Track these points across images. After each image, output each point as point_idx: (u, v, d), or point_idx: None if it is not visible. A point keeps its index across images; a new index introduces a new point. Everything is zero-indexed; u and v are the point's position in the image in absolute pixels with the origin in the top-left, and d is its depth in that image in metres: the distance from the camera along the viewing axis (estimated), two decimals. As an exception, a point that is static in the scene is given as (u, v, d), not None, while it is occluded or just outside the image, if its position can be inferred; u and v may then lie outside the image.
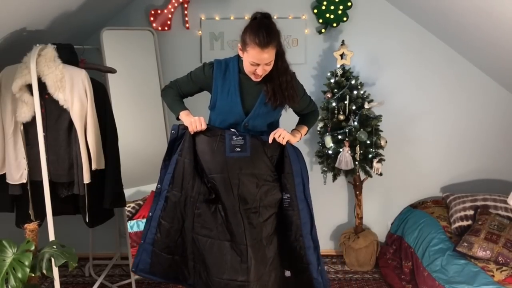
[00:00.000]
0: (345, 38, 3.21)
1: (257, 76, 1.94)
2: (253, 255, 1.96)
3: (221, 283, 1.97)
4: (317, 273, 2.06)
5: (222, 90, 2.02)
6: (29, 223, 1.95)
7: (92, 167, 2.41)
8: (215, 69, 2.04)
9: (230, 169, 2.00)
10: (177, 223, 2.06)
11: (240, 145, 2.02)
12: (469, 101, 3.38)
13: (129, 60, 3.02)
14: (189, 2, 3.19)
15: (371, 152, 3.05)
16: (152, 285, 3.13)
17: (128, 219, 2.98)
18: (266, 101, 2.01)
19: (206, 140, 2.02)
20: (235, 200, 1.99)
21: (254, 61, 1.87)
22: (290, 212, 2.06)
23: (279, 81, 1.98)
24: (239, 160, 2.01)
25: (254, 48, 1.83)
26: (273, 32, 1.87)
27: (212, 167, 2.01)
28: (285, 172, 2.07)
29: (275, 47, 1.88)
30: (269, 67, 1.93)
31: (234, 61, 2.04)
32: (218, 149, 2.01)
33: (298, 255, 2.06)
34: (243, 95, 2.02)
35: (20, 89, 2.29)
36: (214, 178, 2.01)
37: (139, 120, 3.06)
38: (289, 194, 2.06)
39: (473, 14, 2.58)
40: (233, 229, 1.98)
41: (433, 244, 2.87)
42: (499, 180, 3.45)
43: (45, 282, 3.15)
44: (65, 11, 2.54)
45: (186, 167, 2.03)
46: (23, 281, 1.76)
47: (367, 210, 3.44)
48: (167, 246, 2.07)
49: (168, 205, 2.06)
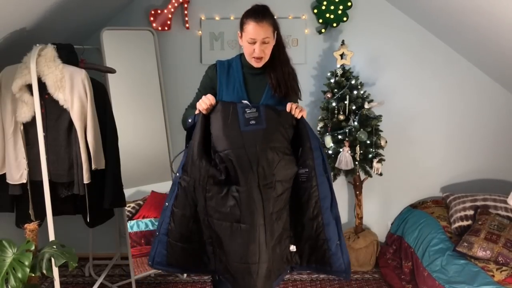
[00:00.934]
0: (345, 38, 3.22)
1: (257, 59, 1.94)
2: (266, 232, 1.89)
3: (240, 267, 1.90)
4: (336, 248, 1.96)
5: (227, 87, 2.02)
6: (29, 223, 1.95)
7: (92, 167, 2.41)
8: (218, 68, 2.05)
9: (247, 144, 1.87)
10: (189, 209, 1.98)
11: (254, 118, 1.90)
12: (469, 101, 3.39)
13: (129, 60, 3.02)
14: (189, 2, 3.19)
15: (371, 152, 3.05)
16: (152, 285, 3.13)
17: (128, 219, 2.98)
18: (273, 93, 2.00)
19: (219, 117, 1.91)
20: (254, 176, 1.87)
21: (251, 37, 1.88)
22: (308, 187, 1.96)
23: (282, 71, 2.00)
24: (255, 134, 1.89)
25: (249, 23, 1.88)
26: (269, 12, 1.93)
27: (227, 143, 1.88)
28: (304, 146, 1.96)
29: (271, 25, 1.91)
30: (267, 48, 1.93)
31: (236, 59, 2.07)
32: (232, 124, 1.89)
33: (314, 232, 1.97)
34: (249, 89, 2.02)
35: (20, 89, 2.29)
36: (229, 155, 1.87)
37: (139, 120, 3.06)
38: (307, 169, 1.95)
39: (473, 14, 2.58)
40: (249, 209, 1.87)
41: (433, 244, 2.87)
42: (499, 180, 3.45)
43: (45, 282, 3.16)
44: (65, 11, 2.54)
45: (194, 149, 1.93)
46: (23, 281, 1.76)
47: (367, 210, 3.44)
48: (182, 235, 1.99)
49: (180, 192, 1.98)
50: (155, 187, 3.12)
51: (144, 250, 3.04)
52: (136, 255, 2.99)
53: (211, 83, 2.05)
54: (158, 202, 3.13)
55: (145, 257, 3.03)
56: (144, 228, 3.08)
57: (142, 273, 2.97)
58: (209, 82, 2.06)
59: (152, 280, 3.19)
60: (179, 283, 3.16)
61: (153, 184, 3.11)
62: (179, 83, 3.31)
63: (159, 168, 3.10)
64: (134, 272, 2.92)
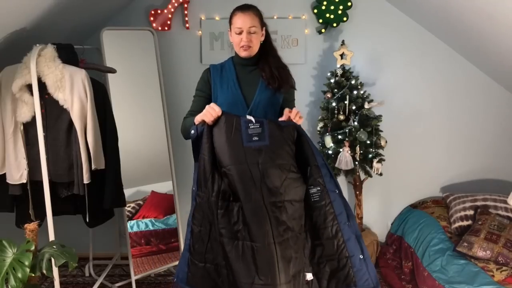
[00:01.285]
0: (345, 38, 3.22)
1: (245, 47, 2.00)
2: (281, 254, 1.80)
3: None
4: (360, 263, 1.89)
5: (221, 86, 2.07)
6: (29, 223, 1.95)
7: (92, 167, 2.41)
8: (212, 71, 2.11)
9: (250, 161, 1.83)
10: (205, 226, 1.92)
11: (257, 134, 1.86)
12: (469, 101, 3.39)
13: (129, 60, 3.02)
14: (189, 2, 3.19)
15: (371, 152, 3.05)
16: (152, 285, 3.13)
17: (128, 219, 2.98)
18: (266, 84, 2.04)
19: (222, 131, 1.86)
20: (258, 193, 1.82)
21: (238, 27, 1.98)
22: (322, 206, 1.90)
23: (273, 63, 2.07)
24: (258, 150, 1.85)
25: (236, 14, 2.01)
26: (253, 6, 2.05)
27: (229, 158, 1.85)
28: (311, 164, 1.91)
29: (257, 16, 2.02)
30: (255, 38, 2.00)
31: (228, 60, 2.14)
32: (235, 139, 1.84)
33: (336, 251, 1.89)
34: (242, 86, 2.06)
35: (20, 89, 2.29)
36: (230, 170, 1.83)
37: (139, 120, 3.06)
38: (319, 187, 1.89)
39: (473, 14, 2.58)
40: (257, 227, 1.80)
41: (433, 244, 2.86)
42: (499, 180, 3.45)
43: (45, 282, 3.15)
44: (65, 11, 2.54)
45: (206, 164, 1.88)
46: (23, 281, 1.76)
47: (367, 210, 3.44)
48: (199, 253, 1.93)
49: (197, 207, 1.93)
50: (155, 187, 3.12)
51: (144, 250, 3.05)
52: (136, 255, 2.99)
53: (206, 86, 2.09)
54: (158, 202, 3.13)
55: (145, 257, 3.04)
56: (144, 228, 3.08)
57: (142, 273, 2.97)
58: (205, 85, 2.10)
59: (152, 280, 3.19)
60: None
61: (153, 184, 3.11)
62: (179, 83, 3.31)
63: (159, 168, 3.10)
64: (134, 272, 2.92)
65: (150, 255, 3.06)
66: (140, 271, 2.97)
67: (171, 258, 3.15)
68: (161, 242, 3.14)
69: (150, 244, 3.08)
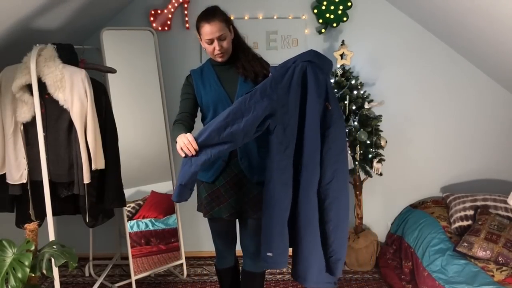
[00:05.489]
0: (345, 38, 3.22)
1: (219, 55, 2.07)
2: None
3: None
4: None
5: (204, 87, 2.14)
6: (29, 223, 1.95)
7: (92, 167, 2.41)
8: (193, 75, 2.19)
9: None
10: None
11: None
12: (469, 101, 3.38)
13: (129, 60, 3.02)
14: (189, 2, 3.19)
15: (371, 152, 3.05)
16: (152, 285, 3.13)
17: (128, 219, 2.98)
18: (244, 79, 2.12)
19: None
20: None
21: (208, 38, 2.02)
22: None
23: (245, 58, 2.14)
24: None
25: (202, 25, 2.03)
26: (218, 11, 2.07)
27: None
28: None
29: (223, 21, 2.04)
30: (226, 43, 2.05)
31: (207, 63, 2.22)
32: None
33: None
34: (224, 83, 2.13)
35: (20, 89, 2.29)
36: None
37: (139, 120, 3.06)
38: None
39: (473, 14, 2.58)
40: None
41: (433, 244, 2.86)
42: (499, 180, 3.45)
43: (45, 282, 3.16)
44: (65, 11, 2.54)
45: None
46: (23, 281, 1.76)
47: (367, 210, 3.44)
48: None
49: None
50: (155, 187, 3.12)
51: (144, 250, 3.05)
52: (136, 255, 2.99)
53: (191, 88, 2.18)
54: (158, 202, 3.13)
55: (145, 257, 3.04)
56: (144, 228, 3.08)
57: (142, 273, 2.97)
58: (189, 87, 2.19)
59: (152, 280, 3.19)
60: (179, 283, 3.16)
61: (153, 184, 3.11)
62: (179, 83, 3.26)
63: (159, 168, 3.10)
64: (134, 272, 2.92)
65: (150, 255, 3.07)
66: (140, 271, 2.97)
67: (171, 258, 3.15)
68: (161, 242, 3.14)
69: (150, 244, 3.09)
